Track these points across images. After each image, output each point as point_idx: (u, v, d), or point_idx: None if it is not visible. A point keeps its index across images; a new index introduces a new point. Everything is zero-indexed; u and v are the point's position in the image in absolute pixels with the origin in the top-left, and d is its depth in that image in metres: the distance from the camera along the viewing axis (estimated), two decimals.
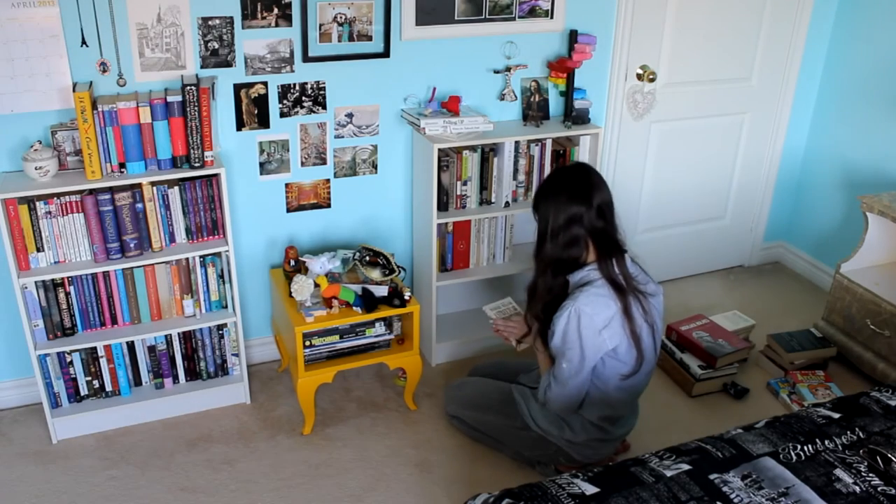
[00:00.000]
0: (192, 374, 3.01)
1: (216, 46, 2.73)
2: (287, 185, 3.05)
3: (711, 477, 1.92)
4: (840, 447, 2.05)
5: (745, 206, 4.03)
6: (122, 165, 2.60)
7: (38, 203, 2.56)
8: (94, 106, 2.48)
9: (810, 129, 3.95)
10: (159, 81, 2.70)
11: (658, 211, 3.82)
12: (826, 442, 2.06)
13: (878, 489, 1.89)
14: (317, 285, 2.81)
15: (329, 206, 3.15)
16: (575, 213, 2.34)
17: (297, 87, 2.90)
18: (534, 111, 3.23)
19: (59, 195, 2.57)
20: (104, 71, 2.63)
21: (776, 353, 3.28)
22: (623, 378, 2.44)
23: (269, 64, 2.83)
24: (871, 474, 1.94)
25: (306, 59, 2.85)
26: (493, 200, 3.18)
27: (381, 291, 2.85)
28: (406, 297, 2.85)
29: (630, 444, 2.84)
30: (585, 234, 2.36)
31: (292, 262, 2.95)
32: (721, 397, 3.16)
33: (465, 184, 3.10)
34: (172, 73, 2.70)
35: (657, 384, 3.20)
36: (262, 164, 2.98)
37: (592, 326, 2.32)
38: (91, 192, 2.59)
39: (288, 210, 3.10)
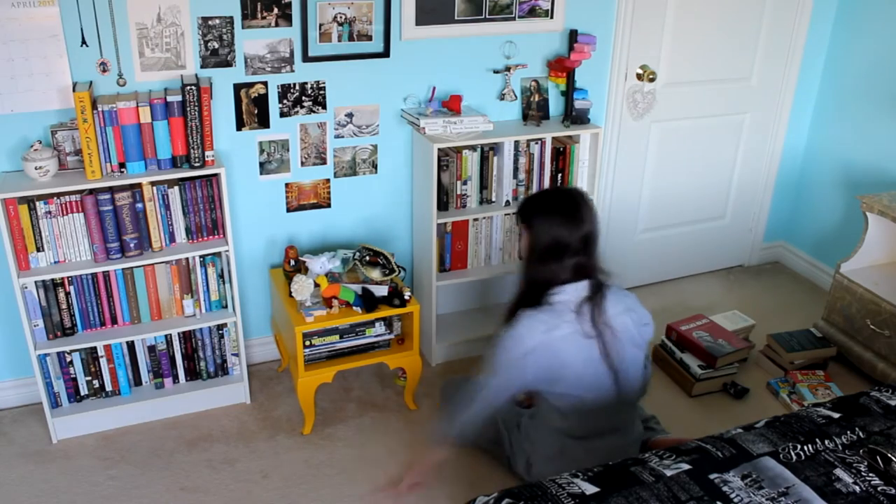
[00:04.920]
0: (192, 373, 3.01)
1: (216, 46, 2.73)
2: (287, 184, 3.05)
3: (711, 476, 1.92)
4: (840, 447, 2.04)
5: (745, 205, 4.02)
6: (122, 165, 2.60)
7: (38, 203, 2.56)
8: (94, 106, 2.48)
9: (810, 129, 3.95)
10: (159, 81, 2.70)
11: (658, 211, 3.82)
12: (826, 442, 2.06)
13: (878, 489, 1.89)
14: (317, 285, 2.81)
15: (329, 205, 3.15)
16: (562, 237, 2.28)
17: (297, 87, 2.90)
18: (534, 111, 3.23)
19: (59, 195, 2.57)
20: (104, 71, 2.63)
21: (776, 353, 3.28)
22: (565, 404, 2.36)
23: (269, 64, 2.83)
24: (871, 474, 1.94)
25: (306, 58, 2.85)
26: (493, 199, 3.18)
27: (381, 291, 2.85)
28: (406, 297, 2.85)
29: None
30: (568, 259, 2.29)
31: (292, 262, 2.95)
32: (721, 397, 3.16)
33: (465, 183, 3.10)
34: (172, 72, 2.70)
35: (657, 384, 3.20)
36: (262, 164, 2.98)
37: (516, 349, 2.25)
38: (91, 191, 2.59)
39: (288, 210, 3.10)
